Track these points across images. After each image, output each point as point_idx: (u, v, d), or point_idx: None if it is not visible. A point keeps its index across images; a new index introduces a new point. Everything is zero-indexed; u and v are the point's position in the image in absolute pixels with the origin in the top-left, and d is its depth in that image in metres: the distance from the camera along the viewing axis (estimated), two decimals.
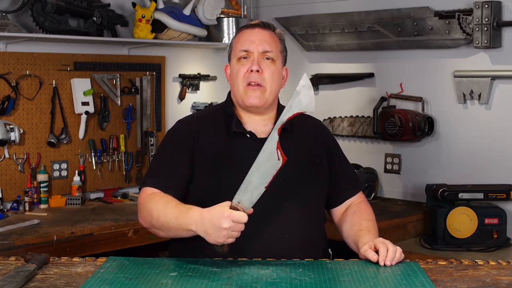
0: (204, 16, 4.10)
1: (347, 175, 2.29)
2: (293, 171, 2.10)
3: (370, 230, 2.08)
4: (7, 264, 1.89)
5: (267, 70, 2.12)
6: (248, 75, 2.12)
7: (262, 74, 2.11)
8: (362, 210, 2.21)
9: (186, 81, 4.31)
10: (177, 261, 1.93)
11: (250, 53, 2.13)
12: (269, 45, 2.14)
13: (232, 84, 2.17)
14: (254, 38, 2.14)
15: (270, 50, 2.14)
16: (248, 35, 2.16)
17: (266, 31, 2.17)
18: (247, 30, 2.18)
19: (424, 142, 3.73)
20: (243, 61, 2.13)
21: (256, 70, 2.11)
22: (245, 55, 2.13)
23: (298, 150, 2.14)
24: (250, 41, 2.14)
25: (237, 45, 2.16)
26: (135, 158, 4.05)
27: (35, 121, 3.64)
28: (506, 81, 3.40)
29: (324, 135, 2.29)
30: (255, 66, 2.11)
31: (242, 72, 2.13)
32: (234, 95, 2.18)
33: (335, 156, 2.27)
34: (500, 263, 1.92)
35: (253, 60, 2.12)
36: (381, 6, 3.81)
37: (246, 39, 2.15)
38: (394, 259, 1.89)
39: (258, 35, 2.15)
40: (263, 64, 2.12)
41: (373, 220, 2.18)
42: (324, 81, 4.17)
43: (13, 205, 3.51)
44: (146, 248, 3.37)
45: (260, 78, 2.11)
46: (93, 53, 3.86)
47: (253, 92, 2.11)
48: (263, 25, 2.18)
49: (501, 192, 3.23)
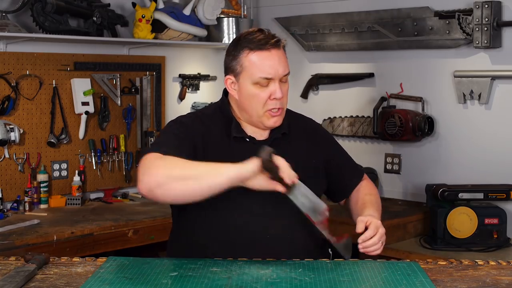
0: (204, 16, 4.09)
1: (349, 167, 2.35)
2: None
3: (373, 203, 2.18)
4: (7, 264, 1.89)
5: (285, 92, 2.09)
6: (270, 101, 2.06)
7: (282, 98, 2.08)
8: (364, 186, 2.31)
9: (186, 81, 4.31)
10: (177, 261, 1.93)
11: (271, 80, 2.05)
12: (287, 67, 2.09)
13: (245, 104, 2.09)
14: (274, 63, 2.04)
15: (288, 71, 2.09)
16: (268, 60, 2.04)
17: (279, 50, 2.08)
18: (264, 53, 2.04)
19: (424, 142, 3.73)
20: (261, 87, 2.06)
21: (280, 97, 2.06)
22: (265, 83, 2.05)
23: (296, 152, 2.15)
24: (271, 67, 2.04)
25: (254, 69, 2.04)
26: (135, 158, 4.05)
27: (35, 121, 3.64)
28: (506, 81, 3.40)
29: (321, 135, 2.30)
30: (279, 94, 2.05)
31: (263, 98, 2.06)
32: (248, 114, 2.10)
33: (335, 153, 2.30)
34: (500, 263, 1.92)
35: (275, 87, 2.05)
36: (381, 6, 3.81)
37: (267, 65, 2.04)
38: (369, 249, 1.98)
39: (276, 59, 2.05)
40: (282, 88, 2.07)
41: (375, 194, 2.27)
42: (324, 81, 4.17)
43: (13, 205, 3.51)
44: (146, 248, 3.37)
45: (281, 103, 2.08)
46: (93, 53, 3.86)
47: (275, 117, 2.08)
48: (276, 44, 2.06)
49: (501, 192, 3.23)
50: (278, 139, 2.14)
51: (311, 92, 4.24)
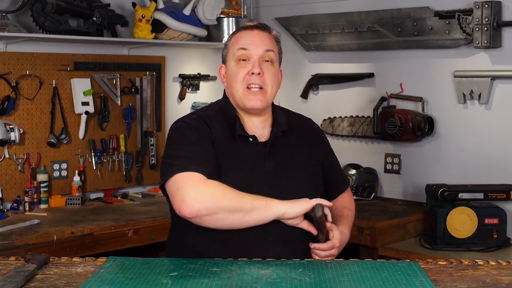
0: (204, 16, 4.09)
1: (338, 172, 2.38)
2: (293, 173, 2.11)
3: (348, 220, 2.26)
4: (7, 264, 1.88)
5: (268, 72, 2.09)
6: (249, 77, 2.08)
7: (263, 77, 2.08)
8: (345, 197, 2.35)
9: (186, 81, 4.31)
10: (177, 261, 1.93)
11: (249, 55, 2.09)
12: (270, 45, 2.12)
13: (230, 86, 2.13)
14: (254, 39, 2.10)
15: (271, 49, 2.11)
16: (247, 36, 2.12)
17: (264, 32, 2.14)
18: (245, 31, 2.13)
19: (424, 142, 3.73)
20: (242, 63, 2.09)
21: (257, 73, 2.07)
22: (244, 57, 2.09)
23: (296, 152, 2.15)
24: (250, 41, 2.10)
25: (235, 44, 2.12)
26: (135, 158, 4.05)
27: (35, 121, 3.64)
28: (506, 81, 3.40)
29: (318, 135, 2.31)
30: (256, 69, 2.07)
31: (242, 74, 2.09)
32: (233, 97, 2.13)
33: (329, 156, 2.31)
34: (500, 263, 1.92)
35: (254, 62, 2.08)
36: (381, 6, 3.81)
37: (246, 39, 2.11)
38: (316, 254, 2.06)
39: (258, 36, 2.11)
40: (264, 66, 2.09)
41: (352, 210, 2.34)
42: (324, 81, 4.17)
43: (13, 205, 3.51)
44: (146, 248, 3.37)
45: (261, 80, 2.08)
46: (93, 53, 3.86)
47: (255, 95, 2.08)
48: (262, 27, 2.15)
49: (501, 192, 3.23)
50: (279, 138, 2.13)
51: (311, 92, 4.25)
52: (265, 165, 2.08)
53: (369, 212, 3.50)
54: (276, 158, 2.10)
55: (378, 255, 3.24)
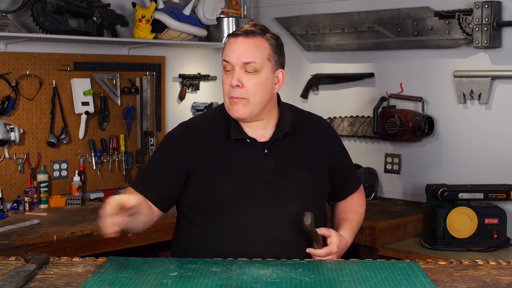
0: (204, 16, 4.09)
1: (349, 173, 2.33)
2: (293, 174, 2.10)
3: (353, 224, 2.23)
4: (7, 264, 1.89)
5: (249, 83, 2.04)
6: (230, 89, 2.05)
7: (243, 88, 2.04)
8: (355, 198, 2.32)
9: (186, 81, 4.31)
10: (177, 261, 1.93)
11: (231, 65, 2.05)
12: (251, 56, 2.03)
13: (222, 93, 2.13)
14: (235, 49, 2.03)
15: (251, 61, 2.02)
16: (231, 45, 2.05)
17: (249, 39, 2.04)
18: (232, 38, 2.07)
19: (424, 142, 3.73)
20: (227, 73, 2.07)
21: (236, 85, 2.04)
22: (228, 67, 2.05)
23: (298, 153, 2.13)
24: (231, 52, 2.04)
25: (224, 52, 2.08)
26: (135, 158, 4.05)
27: (35, 121, 3.64)
28: (506, 81, 3.40)
29: (328, 135, 2.26)
30: (234, 81, 2.03)
31: (226, 84, 2.06)
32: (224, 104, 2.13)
33: (340, 155, 2.27)
34: (500, 263, 1.92)
35: (233, 74, 2.04)
36: (381, 6, 3.81)
37: (229, 49, 2.05)
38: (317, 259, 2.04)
39: (240, 46, 2.04)
40: (244, 78, 2.03)
41: (360, 212, 2.30)
42: (324, 81, 4.17)
43: (13, 205, 3.51)
44: (146, 248, 3.37)
45: (240, 92, 2.04)
46: (93, 53, 3.86)
47: (236, 105, 2.05)
48: (247, 33, 2.04)
49: (501, 192, 3.23)
50: (280, 139, 2.12)
51: (311, 92, 4.24)
52: (262, 165, 2.07)
53: (369, 212, 3.47)
54: (276, 159, 2.09)
55: (378, 255, 3.24)
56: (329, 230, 2.09)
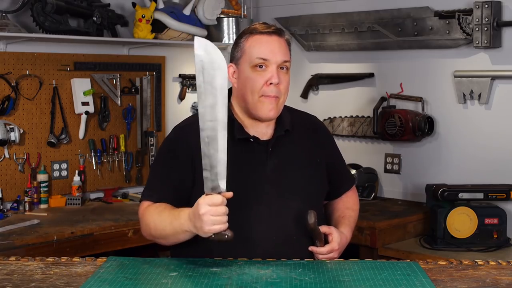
0: (204, 16, 4.10)
1: (344, 171, 2.37)
2: (296, 172, 2.11)
3: (350, 221, 2.25)
4: (7, 264, 1.89)
5: (283, 81, 2.05)
6: (266, 87, 2.03)
7: (279, 86, 2.04)
8: (349, 196, 2.33)
9: (186, 81, 4.31)
10: (177, 261, 1.93)
11: (268, 62, 2.02)
12: (287, 55, 2.06)
13: (244, 91, 2.07)
14: (273, 47, 2.02)
15: (287, 59, 2.06)
16: (267, 43, 2.03)
17: (281, 38, 2.07)
18: (264, 36, 2.04)
19: (424, 142, 3.73)
20: (259, 70, 2.03)
21: (276, 83, 2.02)
22: (262, 63, 2.03)
23: (299, 151, 2.14)
24: (270, 50, 2.02)
25: (252, 50, 2.03)
26: (135, 158, 4.05)
27: (35, 121, 3.64)
28: (506, 81, 3.40)
29: (323, 134, 2.29)
30: (275, 79, 2.01)
31: (259, 83, 2.03)
32: (245, 102, 2.08)
33: (334, 154, 2.29)
34: (500, 263, 1.92)
35: (272, 72, 2.02)
36: (381, 6, 3.81)
37: (265, 47, 2.03)
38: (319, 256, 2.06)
39: (277, 44, 2.04)
40: (281, 75, 2.04)
41: (355, 210, 2.32)
42: (324, 81, 4.17)
43: (13, 205, 3.51)
44: (146, 248, 3.36)
45: (277, 91, 2.03)
46: (93, 53, 3.86)
47: (270, 104, 2.03)
48: (279, 32, 2.07)
49: (501, 192, 3.23)
50: (282, 137, 2.12)
51: (311, 92, 4.25)
52: (267, 164, 2.08)
53: (369, 212, 3.50)
54: (279, 157, 2.10)
55: (378, 255, 3.24)
56: (330, 228, 2.10)
